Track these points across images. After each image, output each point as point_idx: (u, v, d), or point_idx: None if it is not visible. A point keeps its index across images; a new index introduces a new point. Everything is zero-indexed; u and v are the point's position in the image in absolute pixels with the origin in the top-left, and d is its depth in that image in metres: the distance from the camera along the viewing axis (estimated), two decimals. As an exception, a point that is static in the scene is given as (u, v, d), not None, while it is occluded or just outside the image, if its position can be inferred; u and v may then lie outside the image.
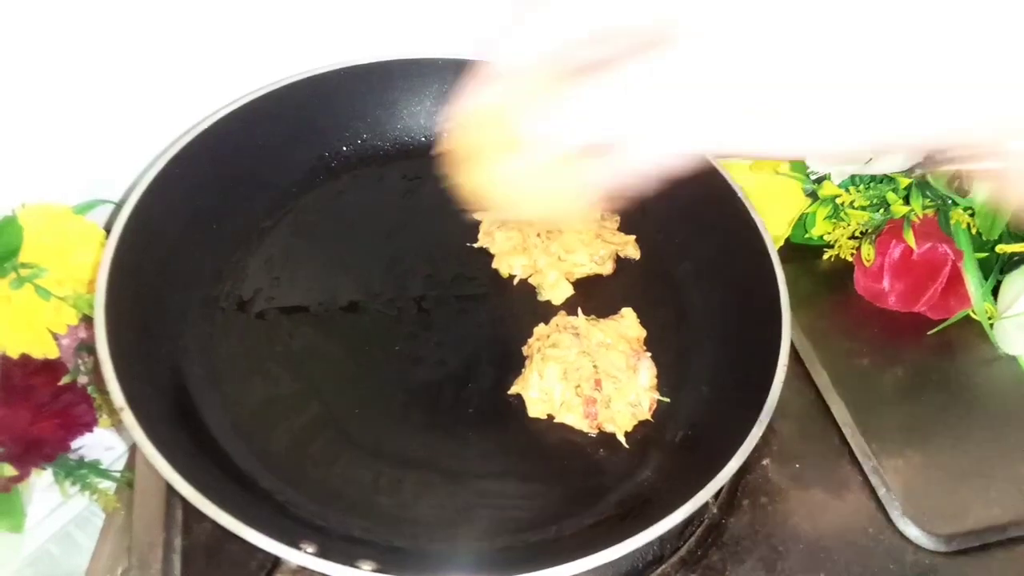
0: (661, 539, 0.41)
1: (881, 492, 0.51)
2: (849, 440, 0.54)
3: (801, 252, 0.64)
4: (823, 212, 0.61)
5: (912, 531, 0.50)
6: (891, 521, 0.50)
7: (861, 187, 0.60)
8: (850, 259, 0.62)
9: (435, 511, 0.46)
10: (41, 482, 0.60)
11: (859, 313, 0.61)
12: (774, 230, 0.60)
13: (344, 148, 0.60)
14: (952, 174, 0.59)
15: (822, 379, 0.56)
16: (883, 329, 0.60)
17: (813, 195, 0.62)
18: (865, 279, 0.61)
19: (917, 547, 0.50)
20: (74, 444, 0.59)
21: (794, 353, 0.56)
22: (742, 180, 0.55)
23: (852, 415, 0.54)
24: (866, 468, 0.52)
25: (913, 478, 0.52)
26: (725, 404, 0.49)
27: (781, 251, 0.55)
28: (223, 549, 0.46)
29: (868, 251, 0.61)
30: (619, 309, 0.54)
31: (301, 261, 0.56)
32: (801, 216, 0.63)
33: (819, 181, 0.62)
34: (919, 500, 0.51)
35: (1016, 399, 0.57)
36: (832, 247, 0.63)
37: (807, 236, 0.63)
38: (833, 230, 0.62)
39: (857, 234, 0.62)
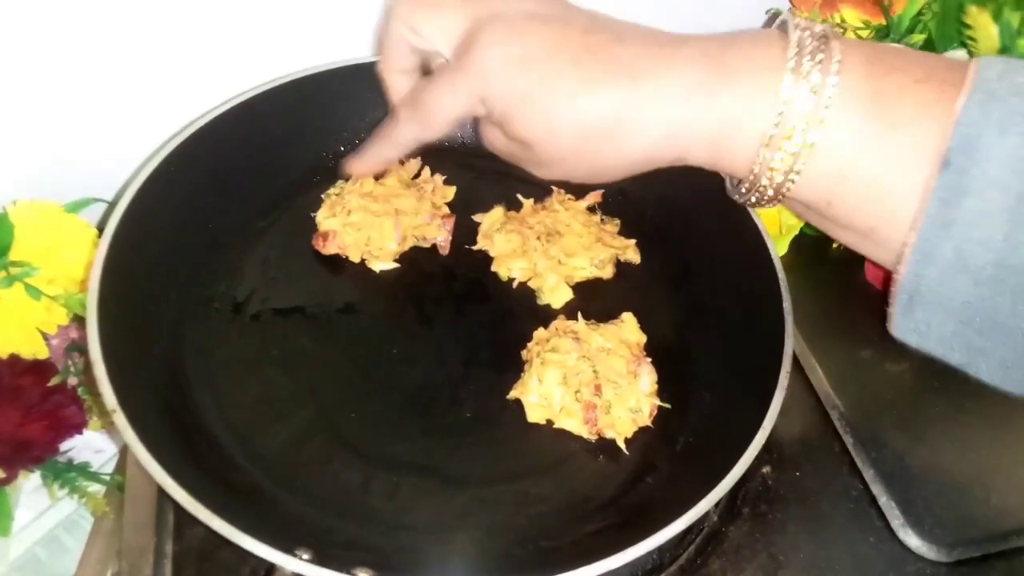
0: (660, 548, 0.41)
1: (882, 501, 0.51)
2: (850, 448, 0.53)
3: (808, 245, 0.62)
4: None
5: (913, 541, 0.49)
6: (892, 531, 0.50)
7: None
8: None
9: (432, 517, 0.45)
10: (29, 485, 0.60)
11: (863, 320, 0.61)
12: (789, 219, 0.59)
13: (342, 148, 0.60)
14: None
15: (822, 386, 0.56)
16: (885, 335, 0.59)
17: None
18: (877, 267, 0.60)
19: (918, 557, 0.49)
20: (63, 446, 0.58)
21: (795, 360, 0.55)
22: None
23: (853, 422, 0.54)
24: (867, 476, 0.52)
25: (914, 487, 0.51)
26: (727, 411, 0.49)
27: (791, 245, 0.54)
28: (215, 555, 0.46)
29: None
30: (619, 314, 0.53)
31: (297, 262, 0.55)
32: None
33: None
34: (920, 509, 0.50)
35: (1019, 406, 0.56)
36: None
37: None
38: None
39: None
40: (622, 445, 0.48)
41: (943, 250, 0.30)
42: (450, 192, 0.59)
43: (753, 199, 0.36)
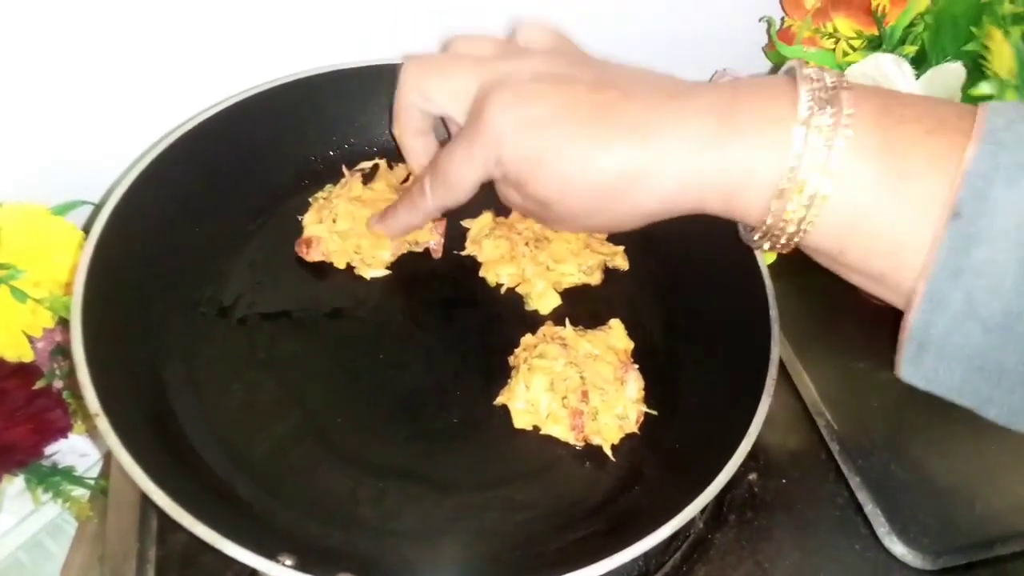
0: (646, 554, 0.41)
1: (868, 508, 0.51)
2: (836, 456, 0.53)
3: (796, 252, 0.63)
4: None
5: (898, 548, 0.49)
6: (877, 538, 0.50)
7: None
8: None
9: (418, 523, 0.45)
10: (12, 488, 0.59)
11: (850, 327, 0.61)
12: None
13: (331, 152, 0.59)
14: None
15: (809, 393, 0.56)
16: (872, 343, 0.60)
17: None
18: None
19: (903, 565, 0.49)
20: (48, 450, 0.58)
21: (781, 367, 0.55)
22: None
23: (839, 430, 0.54)
24: (852, 484, 0.52)
25: (900, 495, 0.52)
26: (713, 418, 0.49)
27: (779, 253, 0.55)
28: (198, 560, 0.45)
29: None
30: (607, 320, 0.53)
31: (285, 266, 0.55)
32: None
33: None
34: (906, 517, 0.51)
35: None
36: None
37: None
38: None
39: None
40: (608, 452, 0.48)
41: (953, 298, 0.31)
42: None
43: (767, 246, 0.37)
